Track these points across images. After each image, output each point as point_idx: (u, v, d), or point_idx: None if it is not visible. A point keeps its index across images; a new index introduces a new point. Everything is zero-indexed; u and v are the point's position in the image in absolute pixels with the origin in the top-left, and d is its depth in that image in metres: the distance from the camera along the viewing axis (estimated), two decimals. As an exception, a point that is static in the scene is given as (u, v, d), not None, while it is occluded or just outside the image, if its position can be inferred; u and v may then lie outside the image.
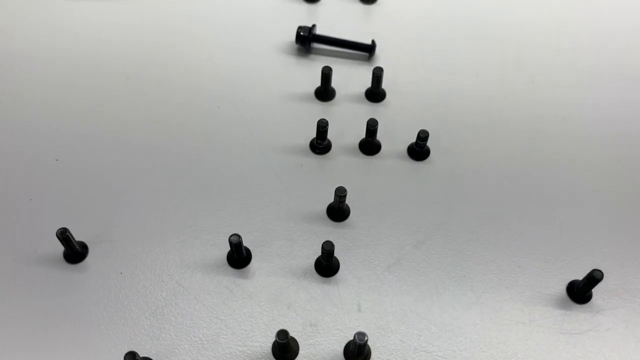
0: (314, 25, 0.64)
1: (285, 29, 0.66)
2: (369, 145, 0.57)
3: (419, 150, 0.57)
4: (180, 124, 0.59)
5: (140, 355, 0.44)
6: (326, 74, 0.59)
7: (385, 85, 0.61)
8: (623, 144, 0.59)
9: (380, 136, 0.58)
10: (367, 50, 0.63)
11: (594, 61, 0.65)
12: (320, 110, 0.61)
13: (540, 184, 0.56)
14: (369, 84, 0.61)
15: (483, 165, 0.57)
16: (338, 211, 0.53)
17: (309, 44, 0.63)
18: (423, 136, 0.55)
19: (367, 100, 0.61)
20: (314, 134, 0.58)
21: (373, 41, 0.63)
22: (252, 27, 0.67)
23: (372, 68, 0.62)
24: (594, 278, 0.47)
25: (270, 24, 0.67)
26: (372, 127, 0.55)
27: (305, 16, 0.68)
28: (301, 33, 0.63)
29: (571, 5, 0.70)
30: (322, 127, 0.55)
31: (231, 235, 0.47)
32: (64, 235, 0.48)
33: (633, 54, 0.66)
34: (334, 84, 0.62)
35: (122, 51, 0.64)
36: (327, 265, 0.50)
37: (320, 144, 0.57)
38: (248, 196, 0.54)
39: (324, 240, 0.48)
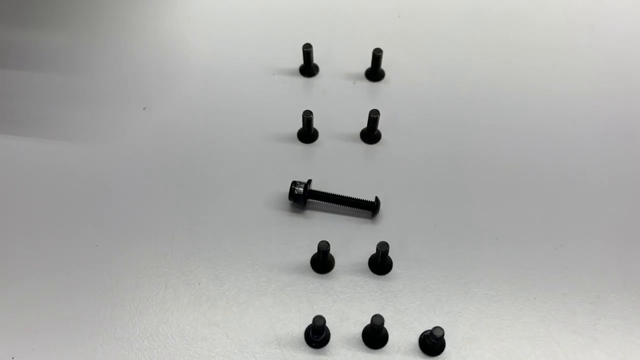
0: (309, 181, 0.56)
1: (279, 175, 0.58)
2: (374, 339, 0.49)
3: (431, 345, 0.48)
4: (156, 309, 0.51)
5: None
6: (324, 250, 0.51)
7: (392, 251, 0.53)
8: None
9: (387, 321, 0.50)
10: (371, 208, 0.55)
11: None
12: (317, 284, 0.52)
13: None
14: (373, 248, 0.53)
15: (508, 364, 0.49)
16: None
17: (304, 201, 0.55)
18: (438, 335, 0.47)
19: (370, 272, 0.53)
20: (309, 319, 0.50)
21: (377, 198, 0.55)
22: (242, 173, 0.59)
23: (375, 226, 0.54)
24: None
25: (261, 169, 0.59)
26: (376, 326, 0.47)
27: (300, 157, 0.60)
28: (295, 191, 0.55)
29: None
30: (319, 325, 0.47)
31: None
32: None
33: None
34: (333, 249, 0.53)
35: (93, 206, 0.57)
36: None
37: (317, 339, 0.49)
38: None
39: None
